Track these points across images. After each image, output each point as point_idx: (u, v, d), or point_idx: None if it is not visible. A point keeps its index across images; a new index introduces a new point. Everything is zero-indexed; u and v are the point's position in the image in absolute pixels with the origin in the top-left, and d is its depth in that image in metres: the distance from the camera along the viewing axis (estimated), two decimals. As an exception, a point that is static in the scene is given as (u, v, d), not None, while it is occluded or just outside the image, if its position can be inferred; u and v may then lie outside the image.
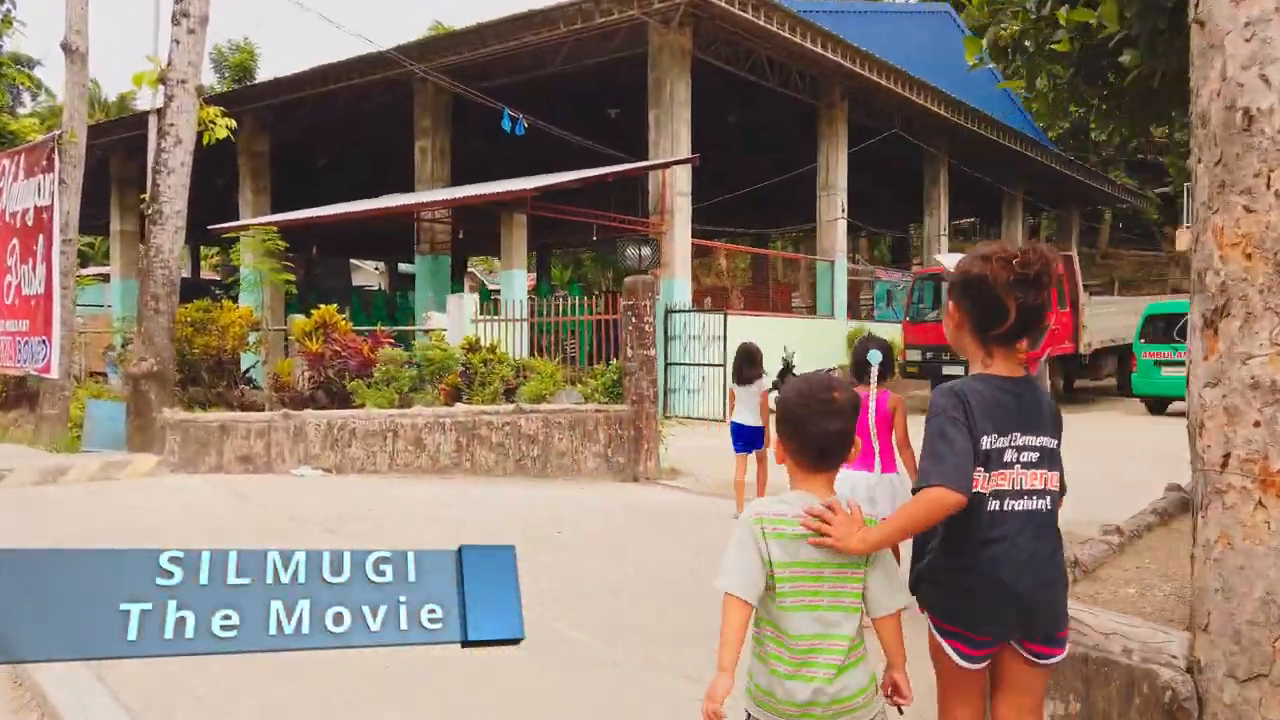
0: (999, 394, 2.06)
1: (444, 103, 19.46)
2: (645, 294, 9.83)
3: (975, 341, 2.12)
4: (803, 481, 2.08)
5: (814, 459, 2.05)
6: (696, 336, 15.71)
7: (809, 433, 2.03)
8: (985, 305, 2.04)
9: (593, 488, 9.11)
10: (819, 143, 20.35)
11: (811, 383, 2.11)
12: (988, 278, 2.02)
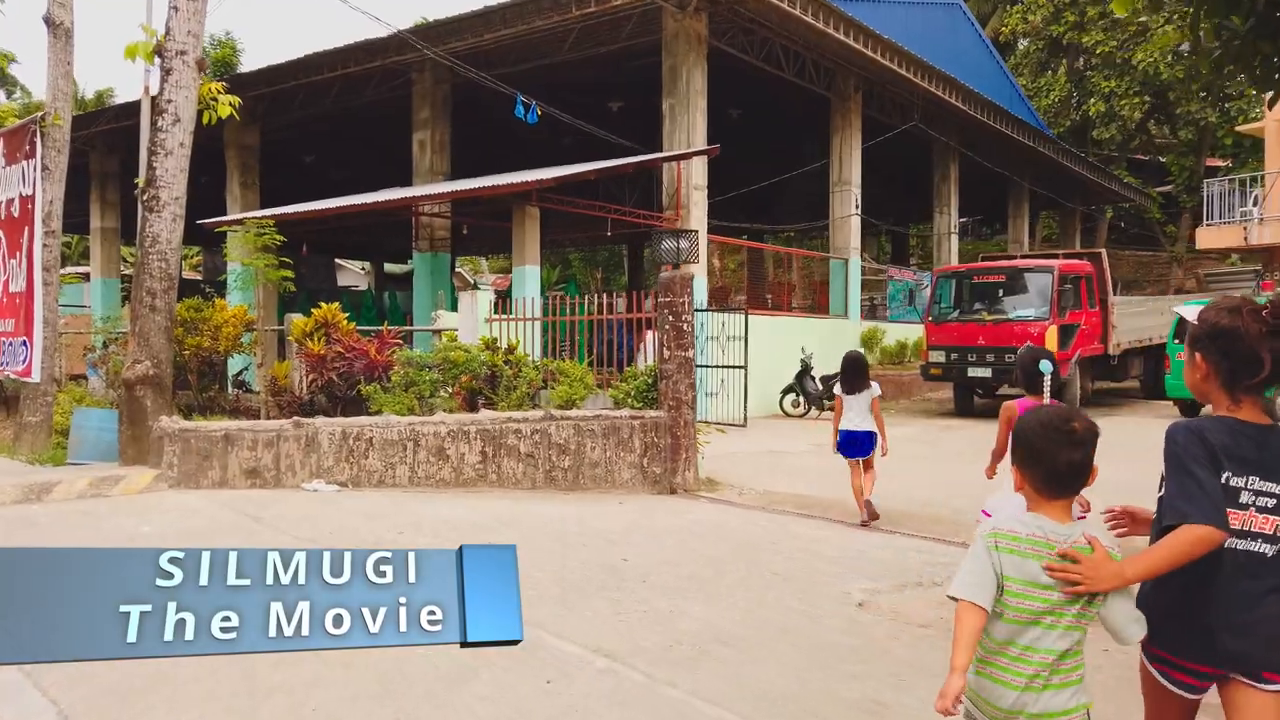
0: (1240, 438, 2.09)
1: (443, 93, 18.64)
2: (683, 290, 9.09)
3: (1223, 391, 2.15)
4: (1040, 506, 2.16)
5: (1054, 487, 2.14)
6: (715, 337, 14.98)
7: (1052, 462, 2.12)
8: (1238, 358, 2.10)
9: (633, 502, 8.35)
10: (832, 137, 19.69)
11: (1053, 413, 2.17)
12: (1240, 330, 2.08)
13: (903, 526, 7.43)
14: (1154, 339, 17.60)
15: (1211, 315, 2.16)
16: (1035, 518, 2.14)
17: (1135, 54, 29.80)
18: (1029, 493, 2.18)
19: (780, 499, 8.68)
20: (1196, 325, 2.20)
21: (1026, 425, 2.19)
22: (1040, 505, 2.16)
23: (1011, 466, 2.25)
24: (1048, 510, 2.14)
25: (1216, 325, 2.13)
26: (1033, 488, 2.17)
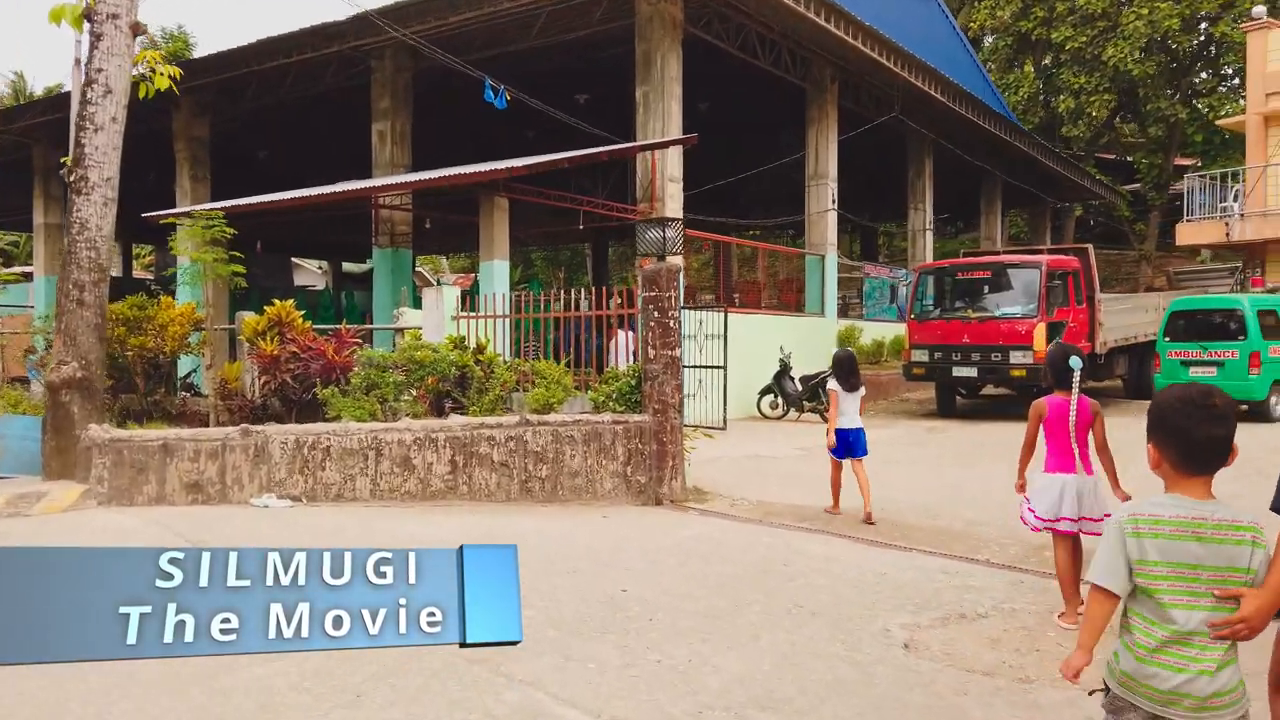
0: None
1: (404, 82, 17.75)
2: (670, 284, 8.37)
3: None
4: (1179, 485, 2.13)
5: (1196, 464, 2.11)
6: (692, 335, 14.27)
7: (1193, 438, 2.09)
8: None
9: (618, 515, 7.61)
10: (808, 129, 19.10)
11: (1191, 390, 2.14)
12: None
13: (916, 541, 6.77)
14: (1140, 337, 17.21)
15: None
16: (1174, 498, 2.11)
17: (1105, 50, 29.67)
18: (1166, 470, 2.16)
19: (776, 510, 7.99)
20: None
21: (1164, 401, 2.17)
22: (1178, 483, 2.13)
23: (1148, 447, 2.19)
24: (1185, 488, 2.12)
25: None
26: (1170, 464, 2.14)
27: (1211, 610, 2.05)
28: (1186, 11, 28.31)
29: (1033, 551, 6.47)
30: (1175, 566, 2.05)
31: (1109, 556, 2.12)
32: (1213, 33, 29.31)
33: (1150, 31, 28.53)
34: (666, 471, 8.33)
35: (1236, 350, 14.08)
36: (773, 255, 22.38)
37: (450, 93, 17.42)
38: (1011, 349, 14.71)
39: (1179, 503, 2.10)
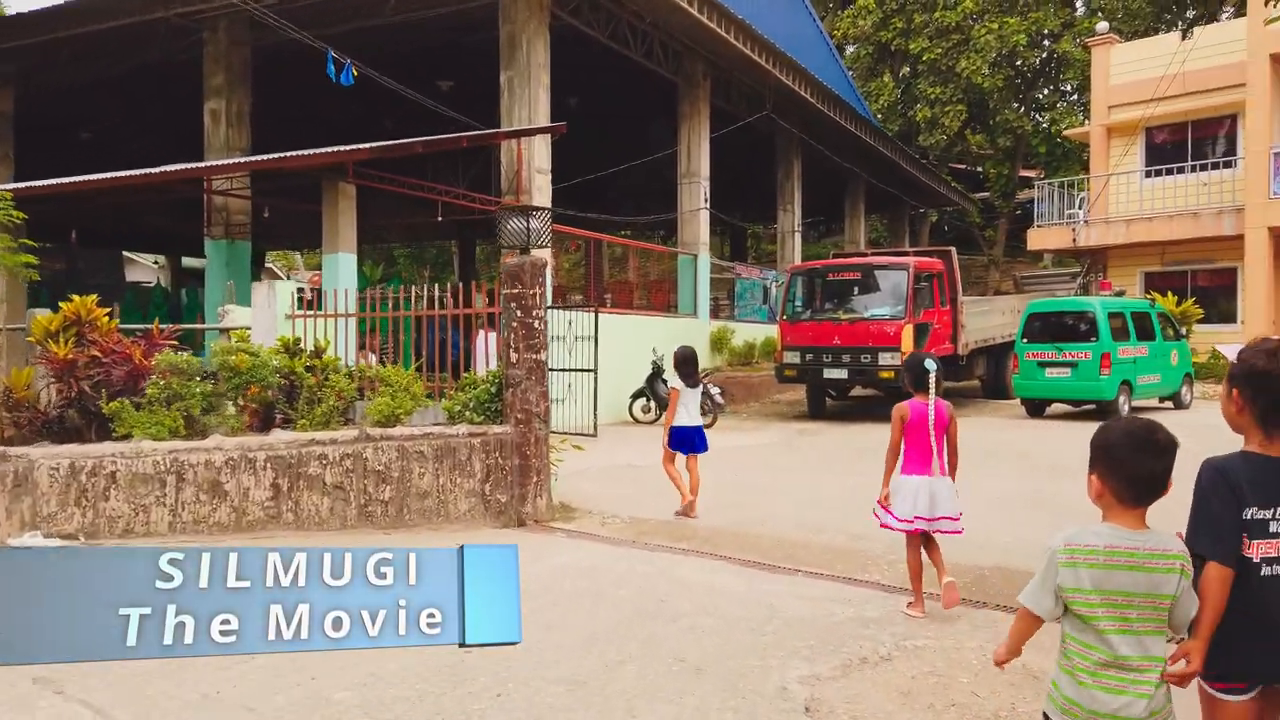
0: (1265, 471, 2.21)
1: (242, 57, 16.18)
2: (534, 279, 7.55)
3: (1257, 427, 2.24)
4: (1116, 515, 2.17)
5: (1135, 496, 2.15)
6: (561, 337, 13.48)
7: (1134, 471, 2.14)
8: (1270, 397, 2.21)
9: (475, 541, 6.73)
10: (680, 125, 18.63)
11: (1135, 423, 2.19)
12: (1274, 374, 2.21)
13: (802, 561, 6.21)
14: (998, 339, 17.54)
15: (1249, 356, 2.26)
16: (1110, 528, 2.16)
17: (959, 62, 30.67)
18: (1107, 500, 2.19)
19: (651, 528, 7.30)
20: (1236, 364, 2.28)
21: (1111, 434, 2.20)
22: (1116, 514, 2.18)
23: (1088, 476, 2.22)
24: (1122, 518, 2.17)
25: (1254, 366, 2.23)
26: (1111, 495, 2.18)
27: (1145, 635, 2.11)
28: (1032, 28, 29.59)
29: (924, 571, 6.01)
30: (1109, 594, 2.10)
31: (1039, 583, 2.18)
32: (1055, 50, 30.75)
33: (1000, 46, 29.67)
34: (531, 489, 7.51)
35: (1089, 351, 14.41)
36: (645, 254, 21.83)
37: (300, 74, 15.95)
38: (880, 350, 14.62)
39: (1114, 533, 2.14)
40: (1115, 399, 14.41)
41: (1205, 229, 18.23)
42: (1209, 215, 18.23)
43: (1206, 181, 18.54)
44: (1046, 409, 15.67)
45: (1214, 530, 2.19)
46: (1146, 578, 2.09)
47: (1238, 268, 18.48)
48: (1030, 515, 7.69)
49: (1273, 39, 16.72)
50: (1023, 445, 12.11)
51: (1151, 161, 20.01)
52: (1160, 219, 18.92)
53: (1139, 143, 19.87)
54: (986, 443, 12.44)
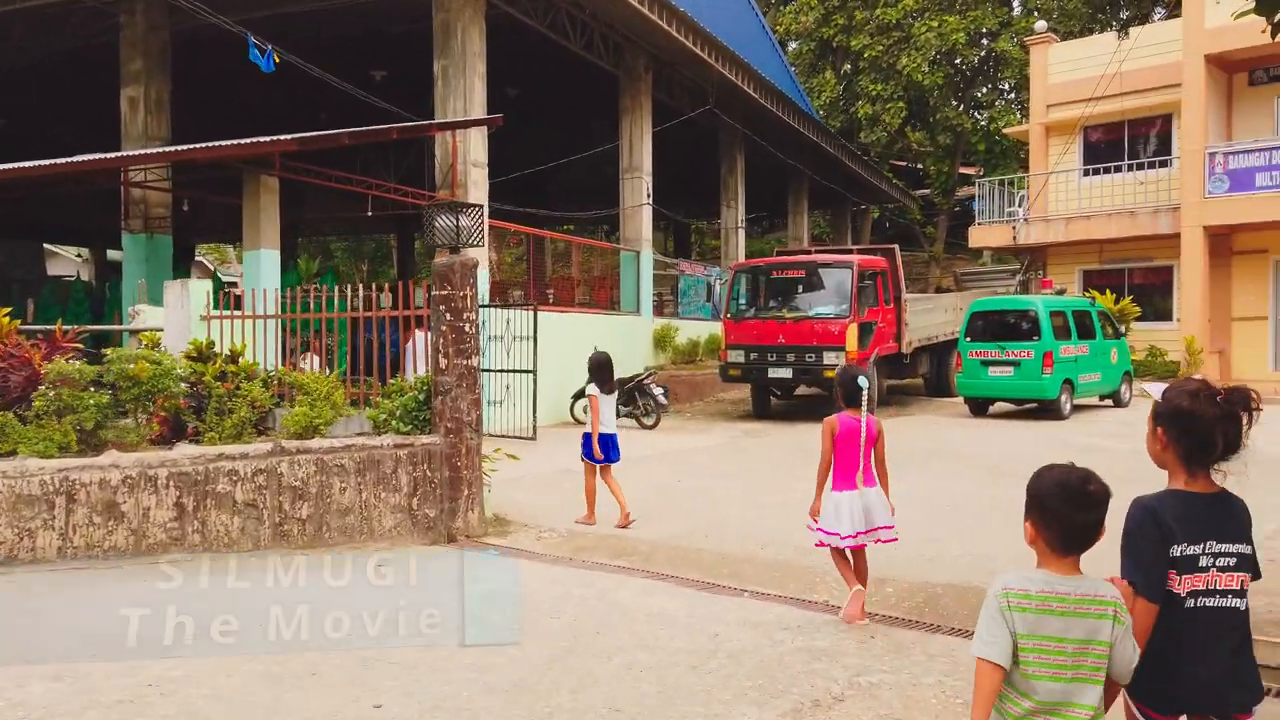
0: (1192, 508, 2.29)
1: (160, 42, 15.34)
2: (465, 280, 7.12)
3: (1180, 465, 2.31)
4: (1050, 562, 2.20)
5: (1068, 546, 2.18)
6: (499, 337, 13.05)
7: (1069, 523, 2.16)
8: (1194, 437, 2.27)
9: (399, 561, 6.27)
10: (621, 119, 18.23)
11: (1070, 475, 2.19)
12: (1197, 415, 2.27)
13: (747, 579, 5.90)
14: (940, 337, 17.52)
15: (1174, 396, 2.33)
16: (1044, 575, 2.18)
17: (900, 59, 30.79)
18: (1040, 548, 2.21)
19: (590, 542, 6.93)
20: (1161, 403, 2.35)
21: (1044, 485, 2.22)
22: (1050, 561, 2.20)
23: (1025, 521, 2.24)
24: (1056, 566, 2.19)
25: (1179, 407, 2.30)
26: (1045, 544, 2.20)
27: (1074, 683, 2.11)
28: (971, 26, 29.81)
29: (870, 586, 5.74)
30: (1040, 639, 2.10)
31: (992, 628, 2.14)
32: (993, 49, 31.04)
33: (940, 43, 29.83)
34: (462, 502, 7.09)
35: (1031, 350, 14.41)
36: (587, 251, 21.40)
37: (225, 62, 15.17)
38: (824, 349, 14.43)
39: (1048, 579, 2.16)
40: (1057, 398, 14.44)
41: (1142, 227, 18.46)
42: (1146, 214, 18.46)
43: (1143, 180, 18.77)
44: (989, 408, 15.67)
45: (1142, 567, 2.27)
46: (1080, 623, 2.11)
47: (1174, 266, 18.75)
48: (980, 523, 7.50)
49: (1208, 40, 16.95)
50: (967, 445, 12.02)
51: (1089, 160, 20.22)
52: (1099, 217, 19.12)
53: (1077, 141, 20.05)
54: (931, 443, 12.34)
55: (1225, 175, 16.73)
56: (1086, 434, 12.90)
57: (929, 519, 7.63)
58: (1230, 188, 16.71)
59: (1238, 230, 17.72)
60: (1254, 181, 16.46)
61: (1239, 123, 18.17)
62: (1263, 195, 16.37)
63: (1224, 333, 18.06)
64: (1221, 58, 17.46)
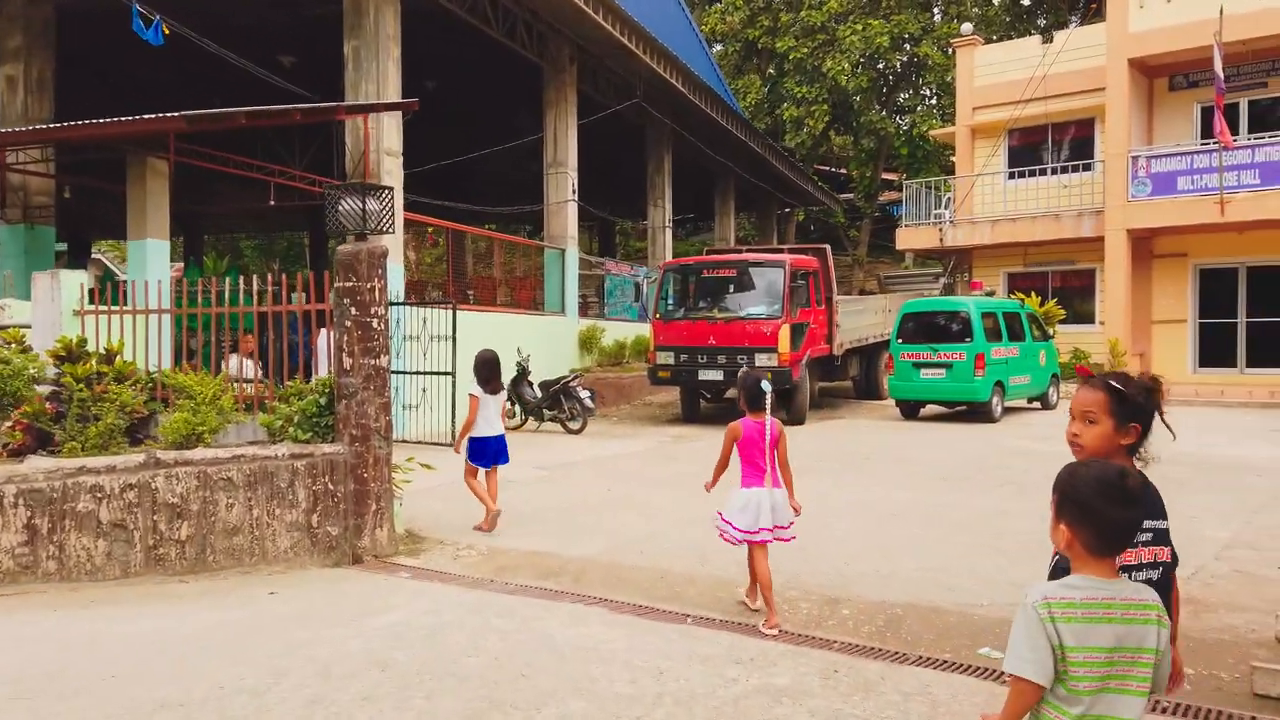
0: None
1: (43, 17, 14.07)
2: (373, 270, 6.37)
3: (1112, 446, 2.36)
4: (1089, 566, 2.05)
5: (1107, 546, 2.05)
6: (415, 336, 12.24)
7: (1108, 521, 2.04)
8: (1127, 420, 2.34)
9: (294, 588, 5.53)
10: (545, 112, 17.55)
11: (1107, 470, 2.08)
12: (1132, 396, 2.35)
13: (690, 602, 5.34)
14: (870, 338, 17.29)
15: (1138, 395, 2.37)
16: (1085, 579, 2.04)
17: (825, 62, 30.80)
18: (1077, 551, 2.06)
19: (513, 562, 6.26)
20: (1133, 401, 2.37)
21: (1080, 482, 2.07)
22: (1089, 564, 2.05)
23: (1055, 525, 2.09)
24: (1095, 569, 2.04)
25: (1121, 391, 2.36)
26: (1083, 546, 2.05)
27: (1119, 694, 1.99)
28: (895, 30, 29.97)
29: (824, 606, 5.23)
30: (1090, 651, 1.98)
31: (1029, 644, 1.98)
32: (916, 53, 31.30)
33: (864, 47, 29.93)
34: (369, 518, 6.34)
35: (963, 352, 14.24)
36: (510, 248, 20.62)
37: (116, 41, 13.98)
38: (756, 351, 14.00)
39: (1091, 584, 2.03)
40: (989, 400, 14.29)
41: (1066, 230, 18.57)
42: (1070, 217, 18.58)
43: (1067, 184, 18.91)
44: (920, 410, 15.47)
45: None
46: (1128, 630, 1.99)
47: (1096, 269, 18.93)
48: (928, 532, 7.07)
49: (1132, 44, 17.13)
50: (903, 450, 11.69)
51: (1014, 163, 20.32)
52: (1024, 220, 19.19)
53: (1002, 144, 20.13)
54: (865, 447, 11.99)
55: (1148, 179, 16.91)
56: (1018, 437, 12.74)
57: (877, 529, 7.18)
58: (1153, 191, 16.90)
59: (1158, 234, 17.96)
60: (1176, 185, 16.66)
61: (1159, 127, 18.44)
62: (1185, 199, 16.59)
63: (1145, 335, 18.29)
64: (1144, 62, 17.67)
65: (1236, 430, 12.89)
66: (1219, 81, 15.31)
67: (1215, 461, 10.12)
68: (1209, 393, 16.49)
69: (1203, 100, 18.04)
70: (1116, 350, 17.17)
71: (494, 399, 7.33)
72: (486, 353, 7.46)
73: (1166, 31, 16.88)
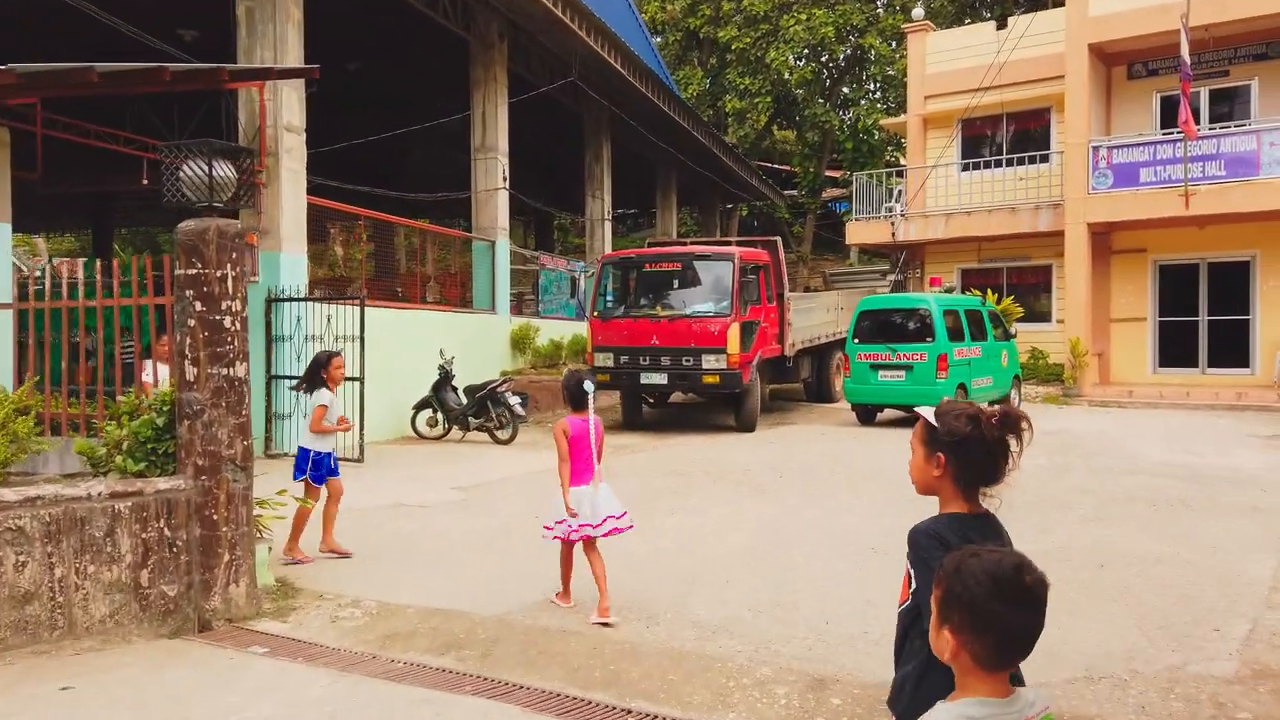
0: (966, 529, 2.16)
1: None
2: (224, 255, 4.96)
3: (956, 488, 2.21)
4: (984, 683, 1.65)
5: (1005, 658, 1.65)
6: (318, 337, 10.77)
7: (1006, 629, 1.63)
8: (975, 463, 2.17)
9: (108, 673, 4.11)
10: (473, 92, 16.11)
11: (1001, 564, 1.65)
12: (981, 439, 2.15)
13: (634, 686, 4.07)
14: (822, 338, 16.24)
15: (952, 422, 2.21)
16: (980, 703, 1.63)
17: (768, 52, 29.86)
18: (965, 663, 1.65)
19: (407, 625, 4.92)
20: (940, 429, 2.23)
21: (969, 579, 1.65)
22: (980, 682, 1.65)
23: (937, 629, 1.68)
24: (989, 687, 1.65)
25: (959, 432, 2.19)
26: (974, 659, 1.64)
27: None
28: (840, 20, 29.15)
29: (807, 693, 4.01)
30: None
31: None
32: (861, 44, 30.55)
33: (809, 37, 29.06)
34: (221, 572, 4.94)
35: (924, 353, 13.24)
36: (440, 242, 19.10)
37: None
38: (703, 352, 12.83)
39: (989, 709, 1.63)
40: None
41: (1023, 224, 17.77)
42: (1027, 210, 17.77)
43: (1023, 176, 18.11)
44: (878, 415, 14.44)
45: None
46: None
47: (1052, 265, 18.18)
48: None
49: (1092, 28, 16.35)
50: (869, 461, 10.57)
51: (968, 154, 19.49)
52: (979, 214, 18.34)
53: (955, 135, 19.28)
54: (827, 458, 10.83)
55: (1109, 170, 16.14)
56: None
57: (857, 569, 5.98)
58: (1114, 183, 16.13)
59: (1116, 229, 17.25)
60: (1138, 177, 15.91)
61: (1117, 118, 17.75)
62: (1147, 191, 15.85)
63: (1103, 334, 17.59)
64: (1102, 49, 16.92)
65: (1216, 437, 12.09)
66: (1185, 67, 14.57)
67: (1209, 474, 9.19)
68: (1173, 394, 15.79)
69: (1163, 89, 17.39)
70: (1078, 350, 16.40)
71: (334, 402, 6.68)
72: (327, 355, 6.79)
73: (1127, 16, 16.12)
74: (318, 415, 6.43)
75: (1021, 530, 7.43)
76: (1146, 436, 12.10)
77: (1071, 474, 9.48)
